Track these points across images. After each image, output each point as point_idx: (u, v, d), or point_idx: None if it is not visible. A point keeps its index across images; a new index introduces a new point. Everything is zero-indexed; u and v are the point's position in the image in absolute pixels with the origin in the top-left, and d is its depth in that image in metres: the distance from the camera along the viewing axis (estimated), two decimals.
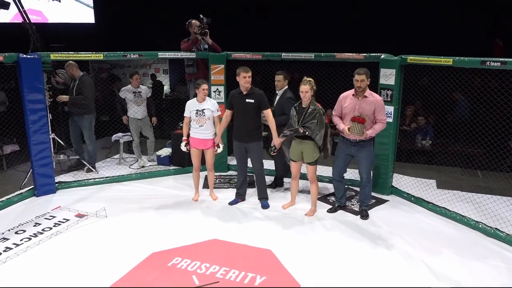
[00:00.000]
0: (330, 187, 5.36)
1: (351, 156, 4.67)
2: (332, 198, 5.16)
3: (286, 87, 5.24)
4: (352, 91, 4.59)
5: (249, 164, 5.05)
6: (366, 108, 4.48)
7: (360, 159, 4.64)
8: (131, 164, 6.57)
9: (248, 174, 5.14)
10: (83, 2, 11.93)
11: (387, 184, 5.37)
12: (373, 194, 5.35)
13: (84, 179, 5.79)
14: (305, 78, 4.52)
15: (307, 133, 4.47)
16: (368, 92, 4.52)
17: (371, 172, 4.82)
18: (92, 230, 4.38)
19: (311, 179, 4.74)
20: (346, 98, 4.61)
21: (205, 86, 4.87)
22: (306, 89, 4.46)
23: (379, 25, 9.25)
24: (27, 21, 5.89)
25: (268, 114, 4.75)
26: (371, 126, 4.52)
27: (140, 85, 6.39)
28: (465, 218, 4.58)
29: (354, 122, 4.41)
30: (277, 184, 5.64)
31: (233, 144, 4.99)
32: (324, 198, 5.24)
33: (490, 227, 4.36)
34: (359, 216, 4.74)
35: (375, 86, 5.20)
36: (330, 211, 4.89)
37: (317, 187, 4.80)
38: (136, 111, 6.32)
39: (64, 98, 5.89)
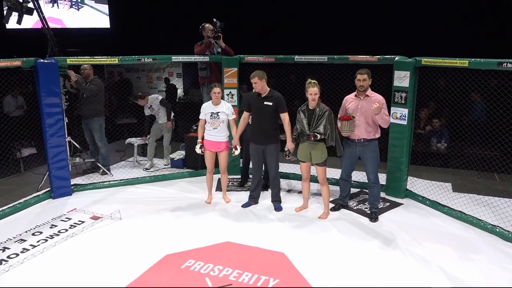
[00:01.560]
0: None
1: (358, 156, 4.70)
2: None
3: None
4: (354, 93, 4.68)
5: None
6: (368, 106, 4.52)
7: (366, 160, 4.66)
8: (145, 167, 6.63)
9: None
10: (100, 9, 12.17)
11: (402, 188, 5.32)
12: (387, 197, 5.32)
13: (99, 182, 5.86)
14: (310, 80, 4.53)
15: (318, 137, 4.47)
16: (369, 91, 4.61)
17: (378, 173, 4.76)
18: (107, 232, 4.43)
19: (322, 181, 4.72)
20: (349, 100, 4.71)
21: (216, 89, 4.90)
22: (315, 91, 4.47)
23: (392, 26, 9.17)
24: (46, 26, 6.03)
25: (284, 117, 4.76)
26: (375, 125, 4.59)
27: (149, 97, 6.54)
28: (482, 222, 4.50)
29: (342, 121, 4.54)
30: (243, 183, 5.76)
31: (250, 146, 5.00)
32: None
33: (508, 231, 4.28)
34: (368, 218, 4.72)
35: (389, 88, 5.17)
36: (333, 209, 4.92)
37: (329, 188, 4.80)
38: (157, 118, 6.54)
39: (73, 76, 5.79)
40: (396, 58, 5.07)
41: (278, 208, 4.98)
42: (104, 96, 6.32)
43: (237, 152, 5.02)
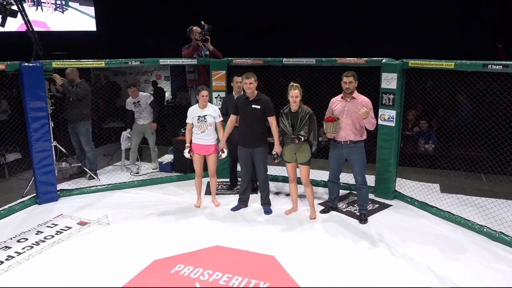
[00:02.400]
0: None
1: (344, 158, 4.73)
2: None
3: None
4: (341, 95, 4.73)
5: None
6: (354, 108, 4.57)
7: (352, 162, 4.71)
8: (132, 172, 6.58)
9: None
10: (85, 12, 12.06)
11: (390, 189, 5.36)
12: (376, 198, 5.35)
13: (86, 187, 5.80)
14: (292, 83, 4.58)
15: (302, 139, 4.53)
16: (356, 93, 4.66)
17: (366, 174, 4.81)
18: (94, 238, 4.38)
19: (305, 181, 4.76)
20: (335, 102, 4.76)
21: (204, 92, 4.89)
22: (296, 94, 4.52)
23: (379, 29, 9.26)
24: (31, 29, 5.95)
25: (272, 121, 4.77)
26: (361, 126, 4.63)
27: (140, 93, 6.44)
28: (470, 222, 4.56)
29: (326, 123, 4.58)
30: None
31: (238, 150, 5.00)
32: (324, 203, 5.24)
33: (495, 231, 4.34)
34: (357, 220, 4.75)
35: (376, 90, 5.21)
36: (322, 211, 4.96)
37: (312, 189, 4.84)
38: (138, 117, 6.42)
39: (59, 79, 5.70)
40: (384, 60, 5.11)
41: (267, 211, 4.98)
42: (90, 99, 6.26)
43: (224, 155, 5.02)
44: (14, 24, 7.05)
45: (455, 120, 6.82)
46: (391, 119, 5.11)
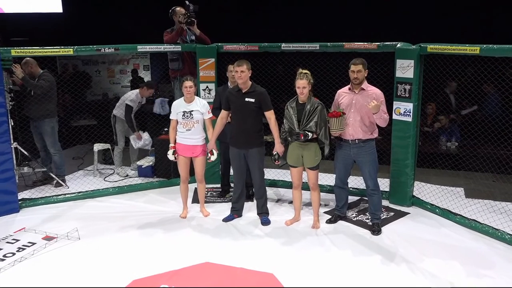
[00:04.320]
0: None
1: (353, 160, 4.73)
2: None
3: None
4: (348, 86, 4.72)
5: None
6: (363, 101, 4.56)
7: (362, 164, 4.70)
8: (107, 176, 6.57)
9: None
10: None
11: (407, 194, 5.39)
12: (391, 206, 5.38)
13: (53, 195, 5.78)
14: (301, 70, 4.57)
15: (310, 136, 4.50)
16: (365, 84, 4.64)
17: (378, 178, 4.82)
18: (63, 255, 4.36)
19: (313, 186, 4.77)
20: (342, 94, 4.75)
21: (188, 83, 4.88)
22: (303, 84, 4.50)
23: (394, 9, 9.27)
24: None
25: (270, 116, 4.77)
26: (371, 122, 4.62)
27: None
28: (499, 231, 4.59)
29: (331, 118, 4.52)
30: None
31: (230, 151, 5.01)
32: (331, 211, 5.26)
33: None
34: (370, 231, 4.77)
35: (390, 80, 5.23)
36: (329, 221, 4.97)
37: (319, 194, 4.86)
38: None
39: (19, 71, 5.64)
40: (398, 45, 5.14)
41: (265, 221, 4.99)
42: (56, 93, 6.24)
43: (213, 158, 5.02)
44: None
45: (482, 113, 6.86)
46: (408, 113, 5.14)
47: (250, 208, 5.28)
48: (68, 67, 11.31)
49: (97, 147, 6.77)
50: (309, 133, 4.51)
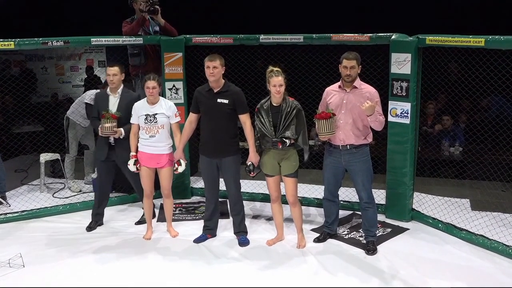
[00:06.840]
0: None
1: (344, 168, 4.76)
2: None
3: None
4: (338, 83, 4.75)
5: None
6: (356, 101, 4.60)
7: (354, 173, 4.73)
8: (56, 191, 6.49)
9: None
10: None
11: (406, 207, 5.46)
12: (387, 221, 5.44)
13: None
14: (272, 68, 4.59)
15: (288, 143, 4.54)
16: (358, 82, 4.67)
17: (373, 189, 4.87)
18: (4, 285, 4.28)
19: (293, 200, 4.78)
20: (331, 92, 4.78)
21: (150, 83, 4.84)
22: (280, 82, 4.51)
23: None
24: None
25: (245, 120, 4.79)
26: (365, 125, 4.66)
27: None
28: (510, 248, 4.67)
29: (319, 121, 4.53)
30: None
31: (199, 160, 4.99)
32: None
33: None
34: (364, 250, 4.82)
35: (384, 77, 5.31)
36: (317, 240, 5.00)
37: (301, 209, 4.89)
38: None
39: None
40: (393, 37, 5.21)
41: (243, 241, 4.99)
42: None
43: (181, 169, 5.01)
44: None
45: (488, 115, 6.98)
46: (405, 115, 5.21)
47: (225, 227, 5.28)
48: (10, 64, 11.17)
49: (44, 157, 6.68)
50: (287, 140, 4.52)
